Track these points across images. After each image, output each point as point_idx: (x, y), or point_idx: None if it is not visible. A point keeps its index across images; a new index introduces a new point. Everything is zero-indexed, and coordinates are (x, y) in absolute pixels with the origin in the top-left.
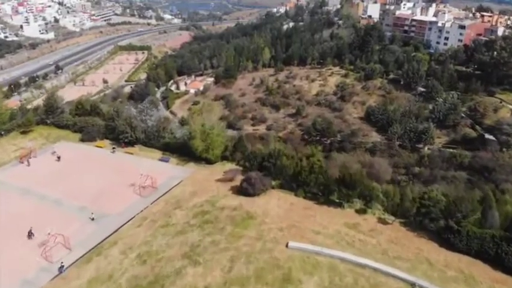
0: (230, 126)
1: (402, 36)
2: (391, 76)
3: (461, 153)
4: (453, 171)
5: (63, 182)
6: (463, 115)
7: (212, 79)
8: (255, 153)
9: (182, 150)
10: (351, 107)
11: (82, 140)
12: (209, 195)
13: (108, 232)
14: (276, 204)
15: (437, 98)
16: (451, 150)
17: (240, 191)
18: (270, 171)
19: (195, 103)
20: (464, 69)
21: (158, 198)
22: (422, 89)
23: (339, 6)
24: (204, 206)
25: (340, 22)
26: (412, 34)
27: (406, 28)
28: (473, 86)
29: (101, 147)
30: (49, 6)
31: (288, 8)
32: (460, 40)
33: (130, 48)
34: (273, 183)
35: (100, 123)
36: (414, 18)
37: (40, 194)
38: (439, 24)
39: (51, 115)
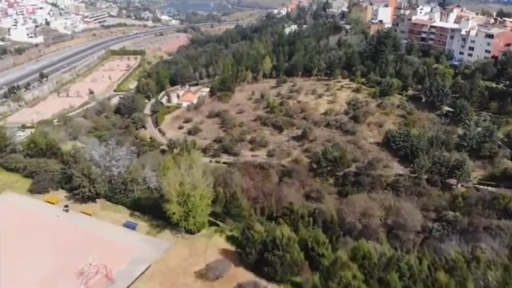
0: (226, 150)
1: (419, 44)
2: (410, 92)
3: (504, 195)
4: (496, 218)
5: None
6: (499, 143)
7: (207, 89)
8: (254, 237)
9: (156, 209)
10: (366, 130)
11: (31, 191)
12: None
13: None
14: None
15: (467, 121)
16: (490, 188)
17: None
18: (275, 268)
19: (187, 120)
20: (494, 85)
21: None
22: (448, 109)
23: (344, 9)
24: None
25: (347, 27)
26: (431, 43)
27: (424, 36)
28: (508, 106)
29: (52, 203)
30: (41, 8)
31: (289, 10)
32: (488, 51)
33: (123, 52)
34: None
35: (55, 167)
36: (434, 24)
37: None
38: (463, 32)
39: None
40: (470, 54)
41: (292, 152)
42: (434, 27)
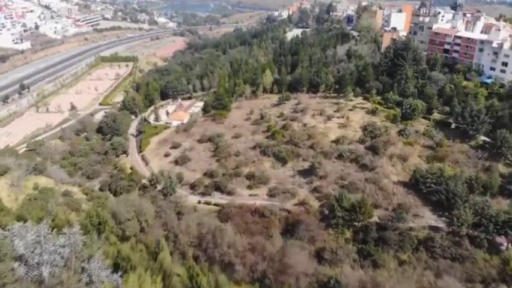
0: (218, 188)
1: (441, 57)
2: (436, 115)
3: None
4: None
5: None
6: None
7: (202, 104)
8: None
9: None
10: (388, 164)
11: None
12: None
13: None
14: None
15: (509, 156)
16: None
17: None
18: None
19: (175, 146)
20: None
21: None
22: (485, 139)
23: (350, 12)
24: None
25: (355, 34)
26: (455, 55)
27: (447, 47)
28: None
29: None
30: (31, 11)
31: (290, 12)
32: None
33: (114, 59)
34: None
35: None
36: (459, 34)
37: None
38: (494, 45)
39: None
40: (503, 71)
41: (298, 191)
42: (460, 37)
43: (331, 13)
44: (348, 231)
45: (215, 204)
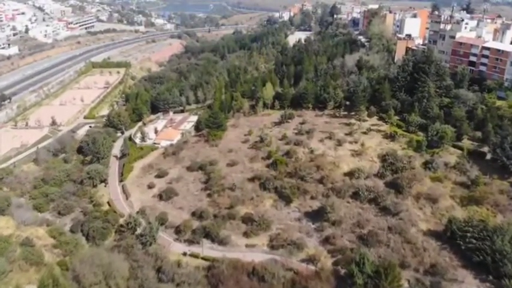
0: (207, 235)
1: (467, 71)
2: (465, 141)
3: None
4: None
5: None
6: None
7: (195, 119)
8: None
9: None
10: (414, 206)
11: None
12: None
13: None
14: None
15: None
16: None
17: None
18: None
19: (161, 174)
20: None
21: None
22: None
23: (355, 15)
24: None
25: (364, 40)
26: (482, 69)
27: (473, 59)
28: None
29: None
30: (23, 13)
31: (292, 14)
32: None
33: (105, 65)
34: None
35: None
36: (487, 45)
37: None
38: None
39: None
40: None
41: (306, 242)
42: (488, 48)
43: (335, 16)
44: None
45: (204, 258)
